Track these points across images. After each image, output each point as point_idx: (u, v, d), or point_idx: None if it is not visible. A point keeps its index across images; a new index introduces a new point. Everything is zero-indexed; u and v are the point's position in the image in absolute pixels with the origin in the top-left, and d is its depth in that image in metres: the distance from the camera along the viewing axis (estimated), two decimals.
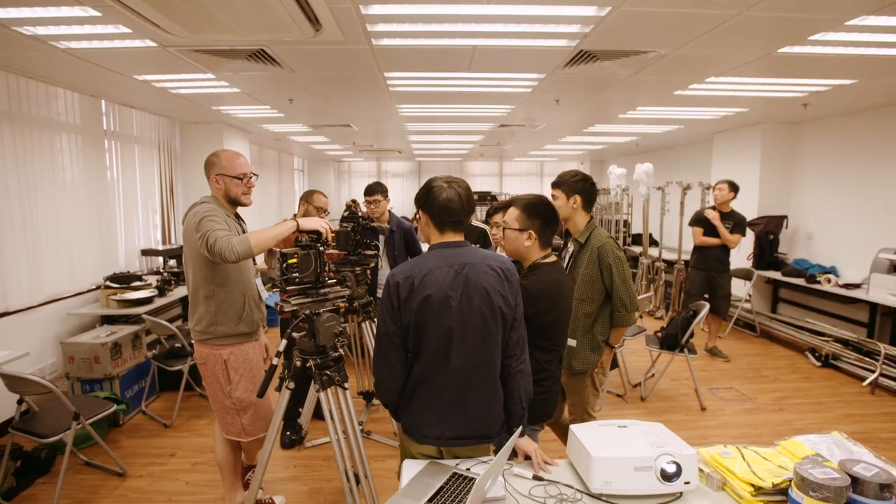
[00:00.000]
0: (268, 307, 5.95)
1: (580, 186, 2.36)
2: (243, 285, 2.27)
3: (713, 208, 4.89)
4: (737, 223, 4.80)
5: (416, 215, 1.81)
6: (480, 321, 1.53)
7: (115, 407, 3.01)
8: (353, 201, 10.15)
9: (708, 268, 4.88)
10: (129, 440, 3.38)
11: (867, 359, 4.40)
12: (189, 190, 5.98)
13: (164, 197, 5.65)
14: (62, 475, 2.64)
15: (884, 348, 4.26)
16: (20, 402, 2.80)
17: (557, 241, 2.44)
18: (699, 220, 4.92)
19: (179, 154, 5.96)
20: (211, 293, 2.19)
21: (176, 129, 5.90)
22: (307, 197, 3.56)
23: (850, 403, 4.00)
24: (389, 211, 3.74)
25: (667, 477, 1.39)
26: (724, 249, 4.86)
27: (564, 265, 2.47)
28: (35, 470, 2.93)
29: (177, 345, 3.82)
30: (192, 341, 2.33)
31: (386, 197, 3.67)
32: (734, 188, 4.83)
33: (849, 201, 5.28)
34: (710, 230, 4.83)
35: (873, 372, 4.23)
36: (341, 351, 2.08)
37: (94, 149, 4.45)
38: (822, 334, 4.96)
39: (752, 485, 1.38)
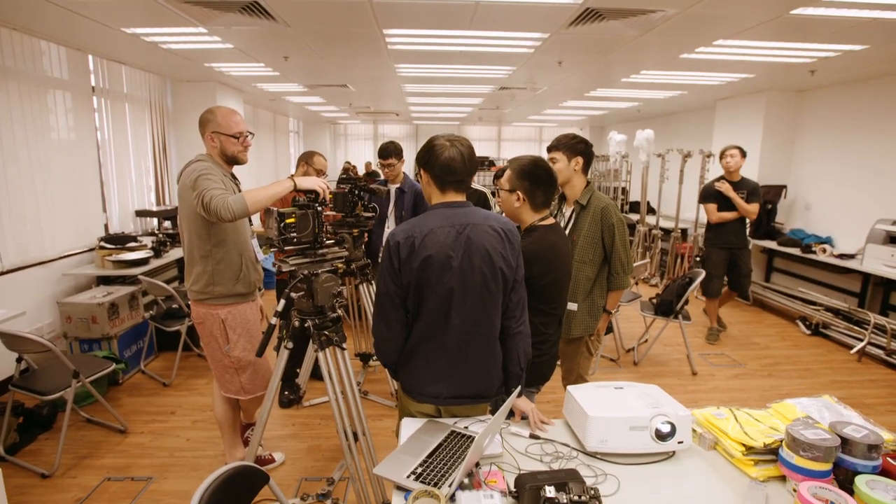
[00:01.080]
0: (265, 269, 5.95)
1: (581, 148, 2.33)
2: (240, 246, 2.25)
3: (722, 178, 4.43)
4: (751, 191, 4.35)
5: (417, 174, 1.77)
6: (481, 282, 1.52)
7: (114, 366, 3.03)
8: (348, 163, 10.05)
9: (728, 245, 4.44)
10: (129, 398, 3.43)
11: (856, 328, 4.47)
12: (182, 150, 5.87)
13: (157, 157, 5.55)
14: (64, 431, 2.68)
15: (873, 317, 4.32)
16: (19, 360, 2.82)
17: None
18: (711, 195, 4.44)
19: (171, 113, 5.82)
20: (207, 253, 2.17)
21: (167, 87, 5.74)
22: (307, 158, 3.49)
23: (837, 370, 4.09)
24: (404, 173, 3.69)
25: (661, 437, 1.42)
26: (742, 223, 4.44)
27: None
28: (37, 426, 2.97)
29: (174, 306, 3.83)
30: (190, 301, 2.32)
31: (400, 159, 3.59)
32: (744, 153, 4.41)
33: (849, 172, 5.25)
34: (723, 204, 4.39)
35: (861, 340, 4.30)
36: (339, 311, 2.09)
37: (83, 106, 4.33)
38: (814, 303, 5.02)
39: (744, 445, 1.41)
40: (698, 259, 4.96)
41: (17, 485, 2.50)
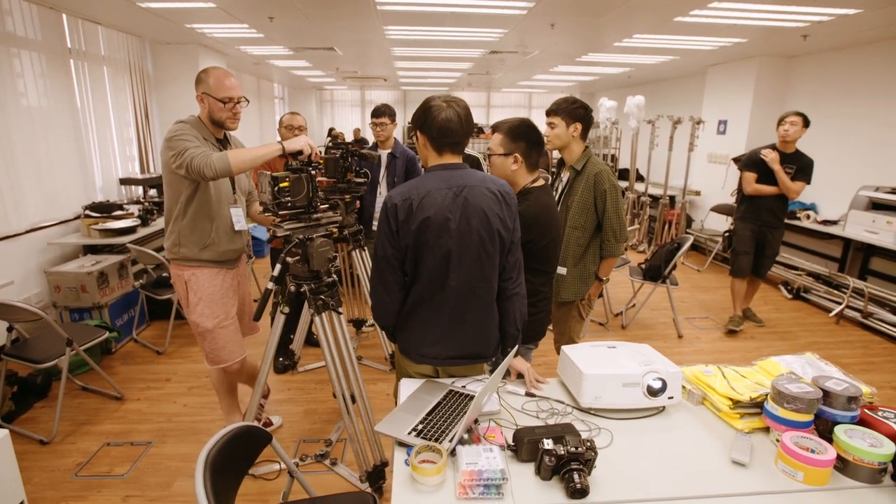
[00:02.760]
0: (256, 238, 5.84)
1: (581, 114, 2.31)
2: (212, 212, 2.18)
3: (773, 147, 3.89)
4: (802, 168, 3.80)
5: (412, 137, 1.75)
6: (478, 244, 1.53)
7: (107, 334, 3.03)
8: (333, 129, 9.89)
9: (759, 221, 3.98)
10: (123, 367, 3.44)
11: (836, 291, 4.60)
12: (165, 115, 5.69)
13: (140, 123, 5.38)
14: (60, 399, 2.69)
15: (852, 282, 4.45)
16: (10, 329, 2.79)
17: (544, 173, 2.41)
18: (753, 164, 3.94)
19: (153, 77, 5.62)
20: (178, 213, 2.15)
21: (147, 49, 5.52)
22: (284, 122, 3.40)
23: (815, 333, 4.24)
24: (395, 139, 3.63)
25: (652, 392, 1.47)
26: (782, 200, 3.92)
27: (559, 194, 2.47)
28: (32, 394, 2.98)
29: (164, 274, 3.80)
30: None
31: (393, 120, 3.53)
32: (807, 123, 3.79)
33: (834, 139, 5.29)
34: (764, 175, 3.89)
35: (840, 304, 4.44)
36: (334, 276, 2.09)
37: (60, 69, 4.16)
38: (796, 269, 5.14)
39: (731, 399, 1.47)
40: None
41: (17, 451, 2.47)
